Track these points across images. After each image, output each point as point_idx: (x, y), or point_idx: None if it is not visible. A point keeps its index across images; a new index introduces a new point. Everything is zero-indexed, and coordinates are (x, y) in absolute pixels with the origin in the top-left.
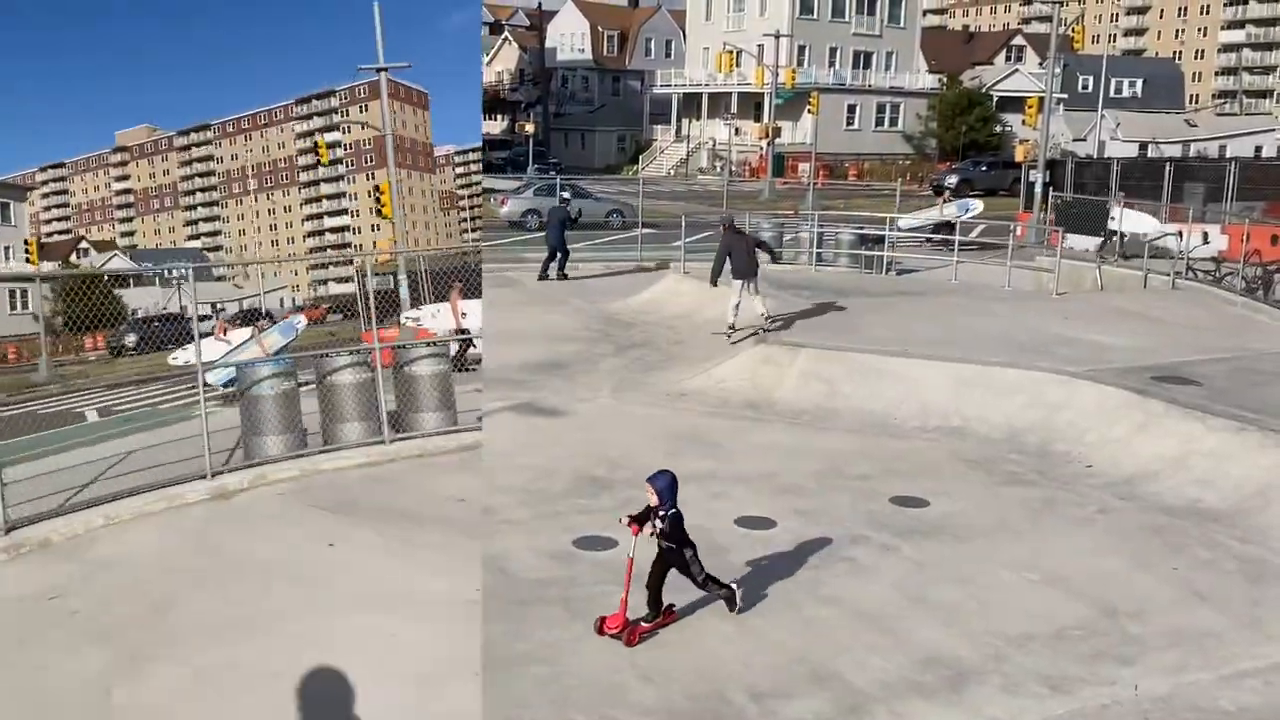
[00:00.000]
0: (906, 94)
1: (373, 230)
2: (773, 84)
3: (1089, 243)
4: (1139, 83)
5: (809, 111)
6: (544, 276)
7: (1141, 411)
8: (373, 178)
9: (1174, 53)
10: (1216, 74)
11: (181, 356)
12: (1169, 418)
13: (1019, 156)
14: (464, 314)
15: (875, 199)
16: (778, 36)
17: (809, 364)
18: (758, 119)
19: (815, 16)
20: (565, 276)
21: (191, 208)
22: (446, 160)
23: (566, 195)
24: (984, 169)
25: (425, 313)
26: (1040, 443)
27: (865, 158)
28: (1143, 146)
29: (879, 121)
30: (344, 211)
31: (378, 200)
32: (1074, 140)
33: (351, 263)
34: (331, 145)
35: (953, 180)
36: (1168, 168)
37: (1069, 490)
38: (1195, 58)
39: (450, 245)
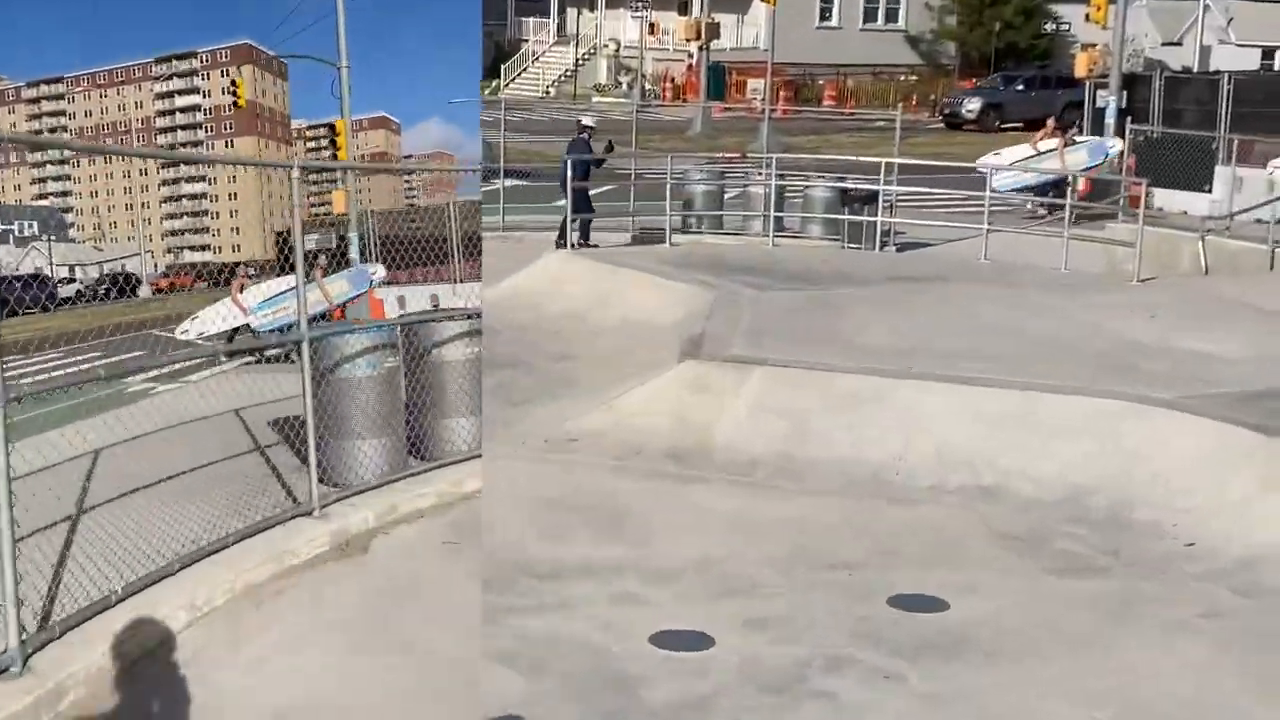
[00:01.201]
0: None
1: (230, 199)
2: None
3: (1190, 202)
4: None
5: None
6: (561, 243)
7: (1268, 460)
8: (232, 145)
9: None
10: None
11: (196, 328)
12: None
13: (1079, 69)
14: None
15: (865, 135)
16: None
17: (765, 390)
18: (684, 10)
19: None
20: (586, 243)
21: (40, 164)
22: (299, 133)
23: (589, 122)
24: (1021, 88)
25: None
26: (1113, 508)
27: (849, 71)
28: (1267, 54)
29: (869, 15)
30: (202, 178)
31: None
32: (1164, 44)
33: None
34: (190, 109)
35: (974, 105)
36: None
37: (1158, 582)
38: None
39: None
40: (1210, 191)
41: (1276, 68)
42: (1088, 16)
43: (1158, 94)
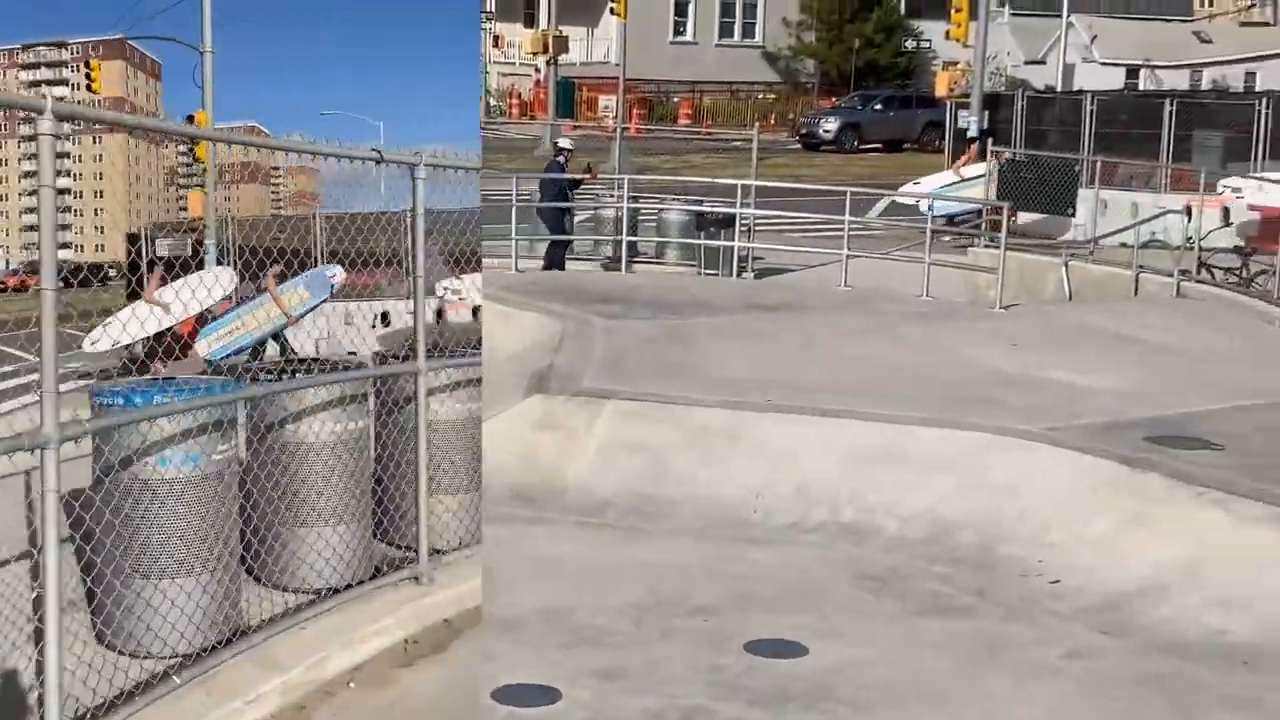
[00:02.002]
0: None
1: (95, 196)
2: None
3: (1053, 225)
4: None
5: (612, 12)
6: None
7: (1133, 494)
8: (100, 141)
9: None
10: None
11: (107, 338)
12: (1175, 503)
13: (940, 88)
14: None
15: (721, 155)
16: None
17: (618, 425)
18: (530, 23)
19: None
20: (552, 267)
21: None
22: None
23: (565, 144)
24: (879, 108)
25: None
26: (981, 545)
27: (705, 88)
28: (1131, 73)
29: (725, 30)
30: (66, 173)
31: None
32: (1026, 63)
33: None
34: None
35: (831, 125)
36: (1169, 107)
37: (1025, 622)
38: None
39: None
40: (1073, 215)
41: (1141, 87)
42: (948, 34)
43: (1020, 114)
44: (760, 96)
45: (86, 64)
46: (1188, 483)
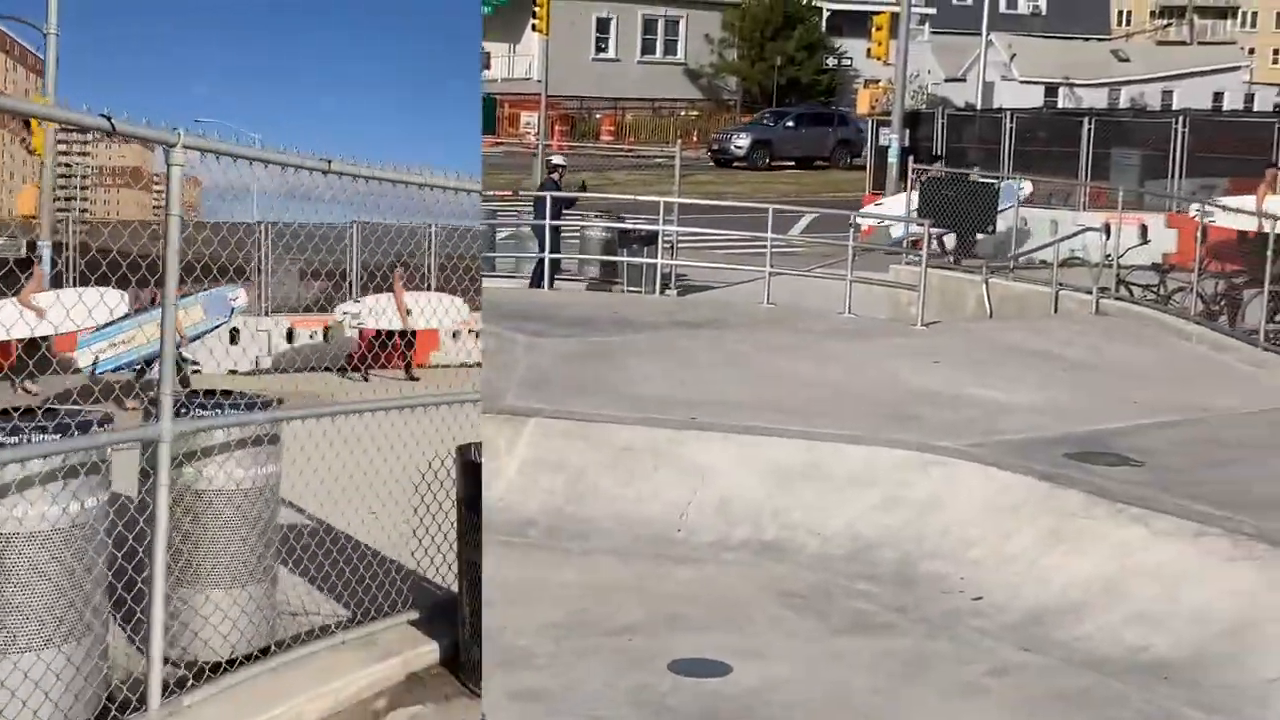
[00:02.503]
0: (690, 3)
1: None
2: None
3: (994, 245)
4: None
5: (534, 28)
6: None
7: (1053, 510)
8: None
9: None
10: None
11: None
12: (1094, 519)
13: (862, 106)
14: (409, 310)
15: (644, 172)
16: None
17: (540, 443)
18: None
19: None
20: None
21: None
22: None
23: (559, 161)
24: (791, 125)
25: (365, 306)
26: (902, 562)
27: (627, 105)
28: (1050, 91)
29: (647, 47)
30: None
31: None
32: (947, 80)
33: None
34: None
35: (743, 142)
36: (1087, 125)
37: (947, 639)
38: None
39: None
40: (994, 233)
41: (1059, 105)
42: (869, 52)
43: (941, 132)
44: (683, 114)
45: None
46: (1107, 499)
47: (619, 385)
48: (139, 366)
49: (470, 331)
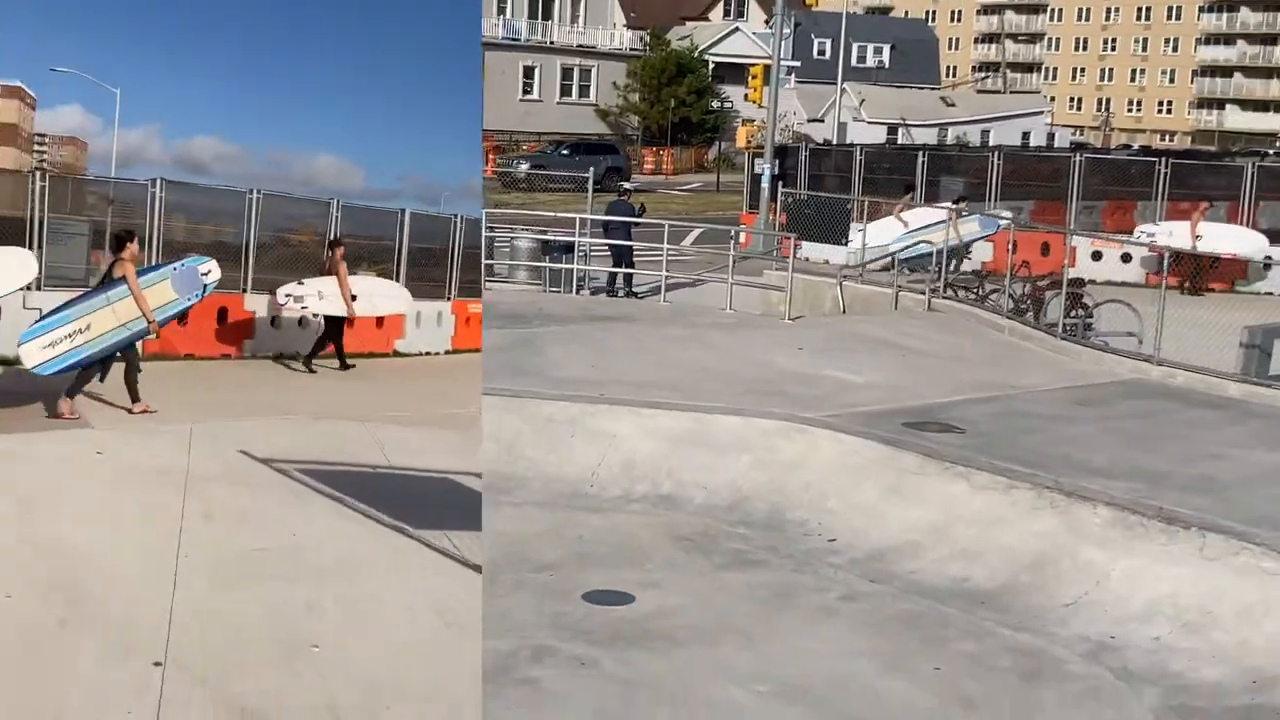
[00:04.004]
0: (600, 55)
1: None
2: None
3: (830, 252)
4: (886, 49)
5: None
6: (611, 291)
7: (893, 468)
8: None
9: (927, 13)
10: (977, 41)
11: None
12: (926, 475)
13: (740, 140)
14: (354, 296)
15: (562, 194)
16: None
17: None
18: None
19: None
20: (634, 294)
21: None
22: None
23: (629, 185)
24: (565, 154)
25: (310, 289)
26: (771, 511)
27: (548, 137)
28: (892, 130)
29: (565, 90)
30: None
31: None
32: (809, 121)
33: None
34: None
35: (524, 167)
36: (921, 157)
37: (807, 572)
38: (952, 20)
39: None
40: (846, 244)
41: (899, 141)
42: (747, 97)
43: (804, 162)
44: (630, 148)
45: None
46: (936, 459)
47: (543, 368)
48: (94, 366)
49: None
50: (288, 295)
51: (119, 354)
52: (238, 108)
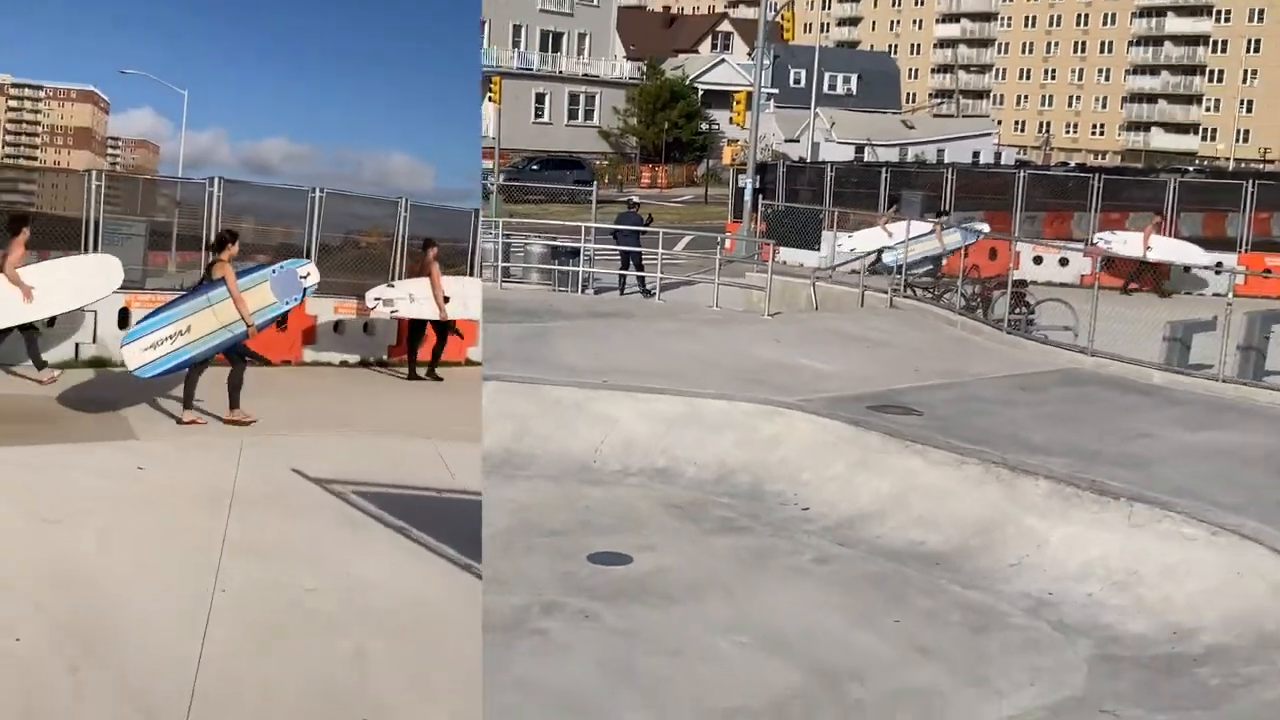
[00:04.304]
0: (602, 83)
1: None
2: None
3: (804, 256)
4: (854, 78)
5: (490, 99)
6: (622, 290)
7: (859, 446)
8: None
9: (890, 46)
10: (933, 71)
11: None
12: (887, 452)
13: (726, 158)
14: (446, 298)
15: (570, 205)
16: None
17: (495, 399)
18: None
19: None
20: (649, 293)
21: None
22: (1, 89)
23: (636, 199)
24: (536, 169)
25: (401, 291)
26: (753, 483)
27: (558, 156)
28: (859, 149)
29: (572, 114)
30: None
31: None
32: (786, 141)
33: None
34: None
35: (501, 180)
36: (884, 173)
37: (784, 537)
38: (912, 53)
39: None
40: (818, 250)
41: (865, 159)
42: (732, 120)
43: (781, 178)
44: (598, 163)
45: None
46: (897, 438)
47: (552, 358)
48: (193, 368)
49: None
50: (377, 299)
51: (223, 356)
52: (304, 107)
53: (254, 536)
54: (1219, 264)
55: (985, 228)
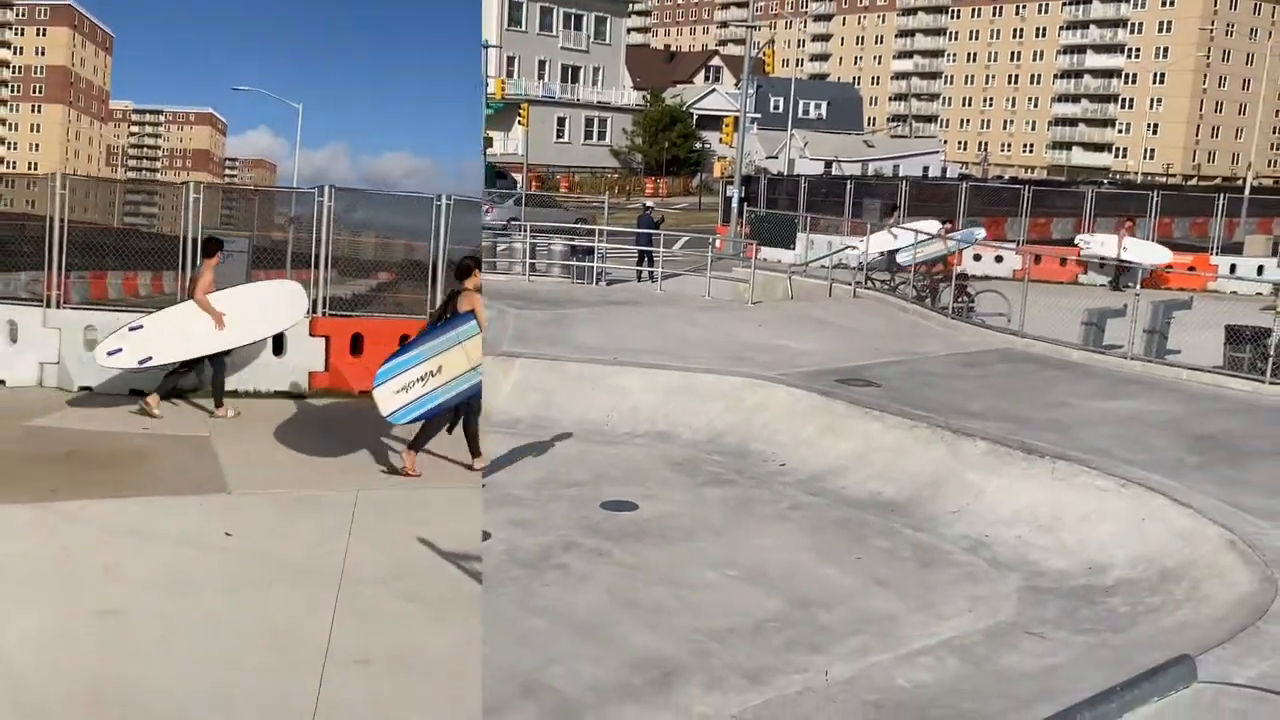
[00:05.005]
0: (613, 109)
1: (30, 168)
2: (483, 94)
3: (782, 254)
4: (824, 105)
5: (519, 122)
6: (640, 278)
7: (828, 412)
8: (39, 110)
9: (854, 78)
10: (890, 99)
11: (128, 354)
12: (851, 418)
13: (716, 172)
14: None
15: (585, 211)
16: (487, 47)
17: (524, 374)
18: None
19: (524, 29)
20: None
21: None
22: (124, 115)
23: (650, 204)
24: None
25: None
26: (739, 444)
27: (575, 170)
28: (828, 164)
29: (588, 135)
30: (0, 141)
31: None
32: (767, 158)
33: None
34: None
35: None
36: (849, 185)
37: (764, 488)
38: (872, 83)
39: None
40: (794, 248)
41: (833, 173)
42: (721, 139)
43: (763, 188)
44: (609, 176)
45: (42, 34)
46: (860, 406)
47: (571, 339)
48: (445, 414)
49: None
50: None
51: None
52: (423, 119)
53: (362, 642)
54: (1102, 259)
55: (982, 233)
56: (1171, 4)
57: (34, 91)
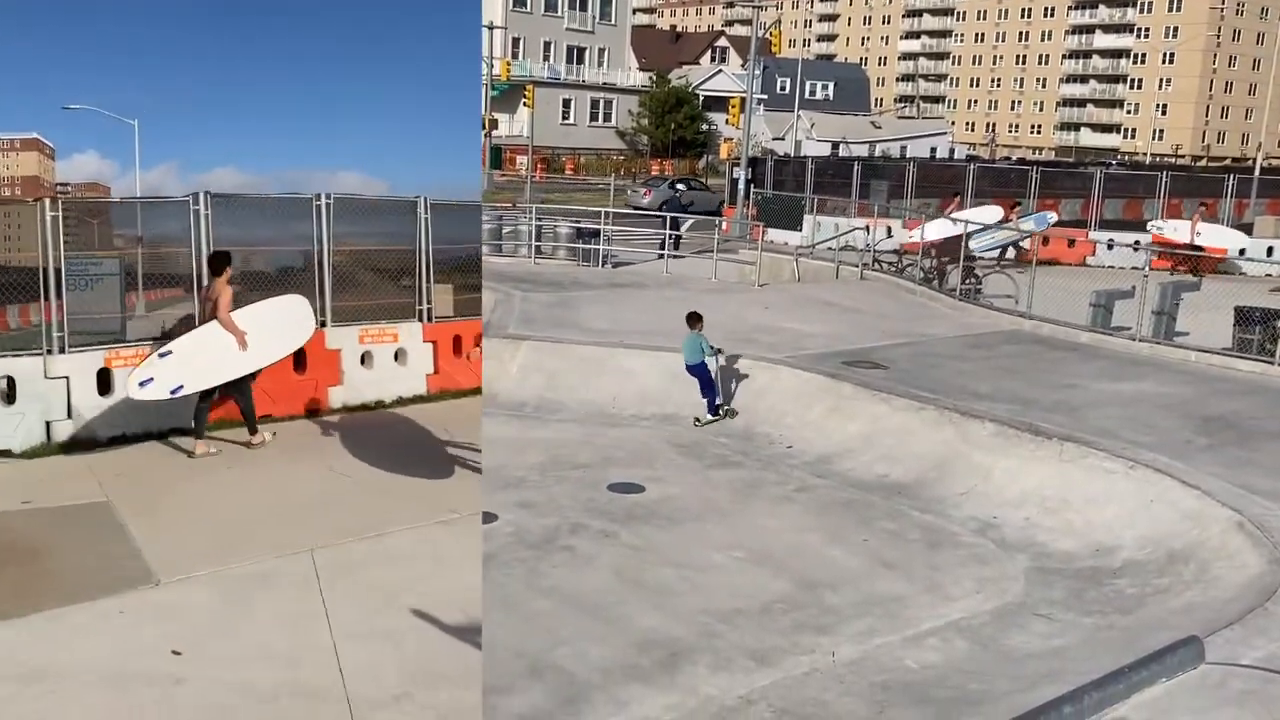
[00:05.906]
0: (619, 90)
1: None
2: (487, 75)
3: (788, 236)
4: (831, 86)
5: (524, 104)
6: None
7: (835, 394)
8: None
9: (861, 59)
10: (898, 79)
11: (160, 382)
12: (858, 399)
13: (723, 154)
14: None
15: (591, 192)
16: (491, 28)
17: (530, 356)
18: None
19: (529, 10)
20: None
21: None
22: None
23: (681, 186)
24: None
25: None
26: (745, 426)
27: (581, 152)
28: (835, 146)
29: (593, 116)
30: None
31: None
32: (773, 139)
33: None
34: None
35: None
36: (856, 166)
37: (771, 470)
38: (879, 64)
39: None
40: (801, 230)
41: (840, 154)
42: (728, 121)
43: (770, 170)
44: (614, 158)
45: None
46: (867, 388)
47: (578, 321)
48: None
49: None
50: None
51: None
52: (252, 135)
53: None
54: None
55: (1053, 217)
56: None
57: None
